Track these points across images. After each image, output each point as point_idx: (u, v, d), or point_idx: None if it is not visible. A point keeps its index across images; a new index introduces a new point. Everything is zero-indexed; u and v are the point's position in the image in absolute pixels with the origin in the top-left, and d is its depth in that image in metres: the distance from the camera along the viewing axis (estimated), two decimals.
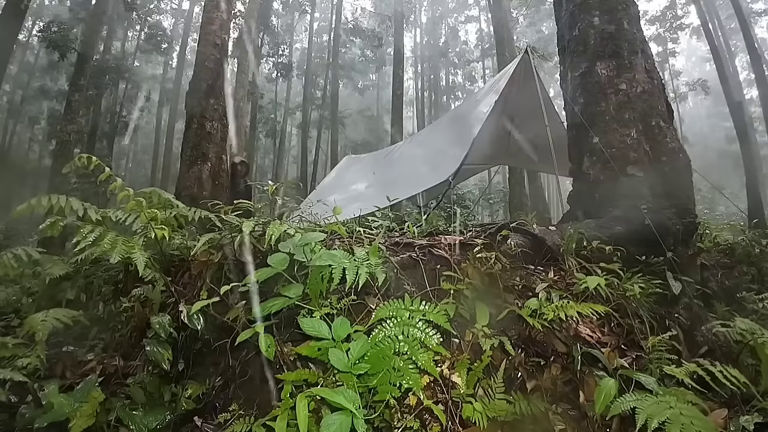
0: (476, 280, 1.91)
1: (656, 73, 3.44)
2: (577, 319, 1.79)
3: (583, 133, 3.33)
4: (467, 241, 2.20)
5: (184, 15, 25.29)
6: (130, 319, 1.99)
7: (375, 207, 4.49)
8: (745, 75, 26.18)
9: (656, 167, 3.03)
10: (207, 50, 6.08)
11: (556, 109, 5.30)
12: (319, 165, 23.23)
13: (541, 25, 24.95)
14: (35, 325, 1.70)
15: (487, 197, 17.90)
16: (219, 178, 5.71)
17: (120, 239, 1.70)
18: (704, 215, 10.86)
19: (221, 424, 1.51)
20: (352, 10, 26.42)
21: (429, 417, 1.38)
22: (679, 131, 19.25)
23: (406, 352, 1.39)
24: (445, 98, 31.41)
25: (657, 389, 1.43)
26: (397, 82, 14.95)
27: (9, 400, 1.54)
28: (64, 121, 10.18)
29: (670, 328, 2.02)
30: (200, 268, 2.12)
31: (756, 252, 3.46)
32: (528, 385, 1.56)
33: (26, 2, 7.39)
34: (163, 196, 2.12)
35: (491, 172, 10.90)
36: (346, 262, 1.63)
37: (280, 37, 20.61)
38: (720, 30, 18.90)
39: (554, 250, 2.26)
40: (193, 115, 5.73)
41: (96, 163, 1.88)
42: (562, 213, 3.62)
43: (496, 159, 7.40)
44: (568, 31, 3.70)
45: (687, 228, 2.86)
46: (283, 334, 1.71)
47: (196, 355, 1.84)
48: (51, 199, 1.73)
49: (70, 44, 12.20)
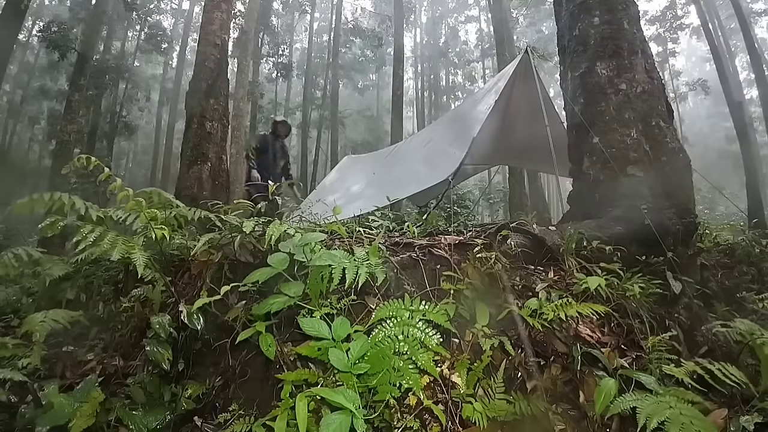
0: (476, 280, 1.91)
1: (656, 73, 3.44)
2: (577, 319, 1.79)
3: (583, 133, 3.33)
4: (467, 241, 2.20)
5: (184, 15, 25.30)
6: (130, 319, 1.99)
7: (375, 207, 4.49)
8: (745, 75, 26.20)
9: (656, 167, 3.03)
10: (207, 50, 6.08)
11: (556, 109, 5.30)
12: (319, 165, 23.23)
13: (541, 25, 24.95)
14: (34, 326, 1.70)
15: (487, 197, 17.90)
16: (219, 178, 5.71)
17: (120, 239, 1.70)
18: (704, 215, 10.86)
19: (221, 424, 1.51)
20: (352, 10, 26.49)
21: (429, 417, 1.38)
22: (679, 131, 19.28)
23: (406, 352, 1.39)
24: (445, 98, 31.41)
25: (657, 389, 1.43)
26: (397, 82, 14.94)
27: (9, 400, 1.54)
28: (64, 121, 10.18)
29: (670, 328, 2.02)
30: (200, 268, 2.12)
31: (756, 252, 3.45)
32: (528, 385, 1.56)
33: (26, 2, 7.39)
34: (164, 196, 2.12)
35: (491, 172, 10.91)
36: (346, 262, 1.63)
37: (280, 37, 20.61)
38: (720, 30, 18.91)
39: (554, 250, 2.26)
40: (193, 115, 5.73)
41: (96, 163, 1.88)
42: (562, 213, 3.62)
43: (496, 159, 7.40)
44: (568, 31, 3.70)
45: (687, 228, 2.86)
46: (283, 334, 1.71)
47: (196, 354, 1.83)
48: (52, 197, 1.73)
49: (70, 44, 12.20)
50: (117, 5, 14.58)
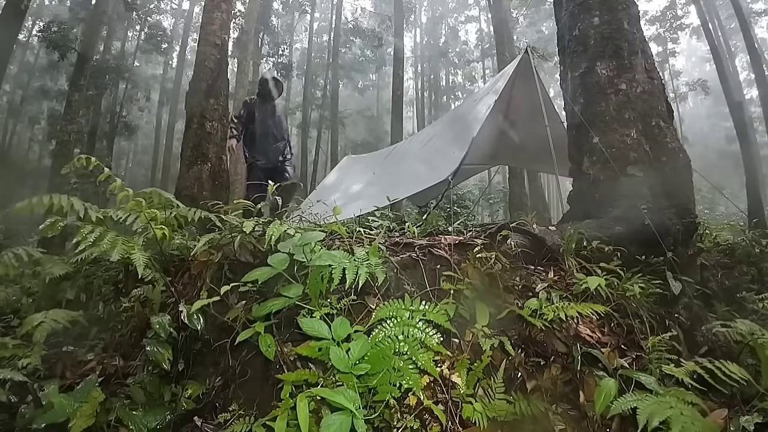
0: (476, 280, 1.91)
1: (656, 73, 3.44)
2: (577, 319, 1.79)
3: (583, 133, 3.33)
4: (467, 241, 2.20)
5: (184, 15, 25.30)
6: (130, 319, 1.99)
7: (375, 207, 4.49)
8: (745, 75, 26.19)
9: (656, 167, 3.03)
10: (207, 50, 6.07)
11: (556, 109, 5.30)
12: (319, 165, 23.23)
13: (541, 25, 24.94)
14: (34, 326, 1.70)
15: (487, 197, 17.90)
16: (219, 178, 5.71)
17: (120, 239, 1.70)
18: (704, 215, 10.87)
19: (221, 424, 1.51)
20: (352, 10, 26.50)
21: (429, 417, 1.38)
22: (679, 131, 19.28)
23: (406, 352, 1.39)
24: (445, 98, 31.42)
25: (657, 389, 1.43)
26: (397, 82, 14.93)
27: (9, 400, 1.54)
28: (64, 121, 10.18)
29: (670, 328, 2.02)
30: (200, 268, 2.12)
31: (756, 252, 3.45)
32: (528, 385, 1.56)
33: (26, 2, 7.39)
34: (164, 196, 2.12)
35: (491, 172, 10.90)
36: (346, 262, 1.63)
37: (280, 37, 20.61)
38: (720, 30, 18.90)
39: (554, 250, 2.26)
40: (193, 115, 5.73)
41: (96, 164, 1.88)
42: (562, 213, 3.61)
43: (496, 159, 7.40)
44: (568, 31, 3.70)
45: (687, 228, 2.86)
46: (283, 334, 1.71)
47: (196, 355, 1.83)
48: (51, 199, 1.73)
49: (70, 44, 12.20)
50: (117, 5, 14.57)
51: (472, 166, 7.31)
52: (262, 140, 4.48)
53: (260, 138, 4.48)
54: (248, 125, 4.47)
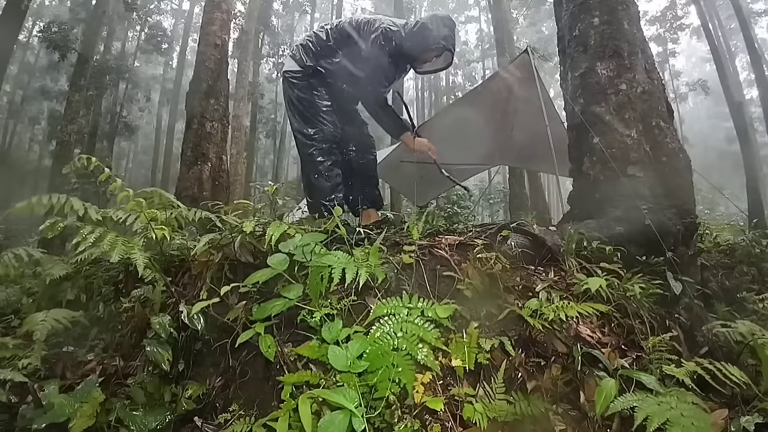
0: (476, 280, 1.91)
1: (656, 73, 3.44)
2: (578, 319, 1.79)
3: (584, 134, 3.33)
4: (467, 242, 2.20)
5: (184, 15, 25.32)
6: (131, 320, 1.99)
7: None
8: (745, 75, 26.23)
9: (656, 167, 3.03)
10: (207, 50, 6.08)
11: (556, 109, 5.30)
12: None
13: (541, 25, 24.96)
14: (34, 326, 1.70)
15: (487, 197, 17.89)
16: (219, 179, 5.72)
17: (120, 240, 1.70)
18: (704, 215, 10.84)
19: (221, 425, 1.50)
20: (352, 11, 26.48)
21: (429, 417, 1.38)
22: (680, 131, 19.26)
23: (404, 348, 1.39)
24: (445, 98, 31.41)
25: (658, 389, 1.42)
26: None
27: (9, 401, 1.54)
28: (64, 122, 10.20)
29: (670, 328, 2.02)
30: (200, 268, 2.12)
31: (756, 252, 3.45)
32: (528, 385, 1.56)
33: (26, 2, 7.40)
34: (164, 196, 2.12)
35: (491, 172, 10.91)
36: (346, 263, 1.63)
37: (280, 38, 20.63)
38: (720, 30, 18.92)
39: (554, 251, 2.25)
40: (193, 116, 5.74)
41: (96, 164, 1.88)
42: (562, 213, 3.61)
43: (496, 159, 7.41)
44: (568, 31, 3.70)
45: (687, 228, 2.86)
46: (283, 335, 1.71)
47: (197, 355, 1.83)
48: (51, 199, 1.73)
49: (70, 44, 12.22)
50: (117, 5, 14.59)
51: (472, 166, 7.32)
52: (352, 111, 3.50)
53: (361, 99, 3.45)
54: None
